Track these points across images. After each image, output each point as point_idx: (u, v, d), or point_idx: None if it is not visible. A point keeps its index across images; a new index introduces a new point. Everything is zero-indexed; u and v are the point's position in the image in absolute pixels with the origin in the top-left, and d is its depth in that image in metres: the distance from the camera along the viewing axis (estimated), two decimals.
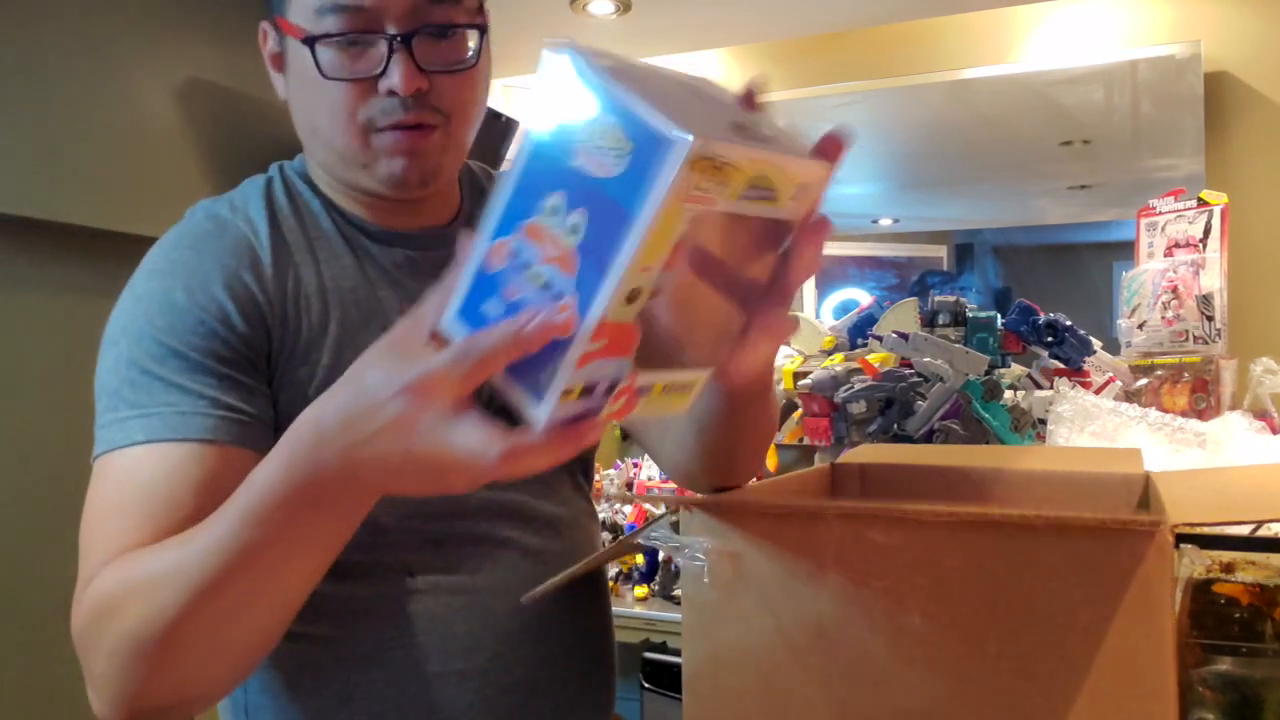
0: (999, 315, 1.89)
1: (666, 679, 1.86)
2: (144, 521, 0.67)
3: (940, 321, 1.89)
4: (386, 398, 0.52)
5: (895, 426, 1.73)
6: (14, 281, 1.71)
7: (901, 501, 0.57)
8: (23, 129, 1.64)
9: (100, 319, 0.77)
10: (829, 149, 0.53)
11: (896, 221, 2.66)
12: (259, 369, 0.75)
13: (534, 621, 0.84)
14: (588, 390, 0.49)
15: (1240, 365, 1.80)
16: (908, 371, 1.75)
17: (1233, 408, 1.69)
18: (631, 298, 0.47)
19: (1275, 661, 0.62)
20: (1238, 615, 0.64)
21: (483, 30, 0.80)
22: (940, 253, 2.57)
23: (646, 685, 1.88)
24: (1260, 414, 1.60)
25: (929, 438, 1.69)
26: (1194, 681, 0.62)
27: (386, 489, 0.57)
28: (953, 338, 1.83)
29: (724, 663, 0.63)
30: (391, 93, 0.75)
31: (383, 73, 0.75)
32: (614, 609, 0.95)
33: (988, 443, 1.63)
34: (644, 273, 0.46)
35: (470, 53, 0.79)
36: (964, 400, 1.66)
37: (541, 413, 0.49)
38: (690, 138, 0.43)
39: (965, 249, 2.56)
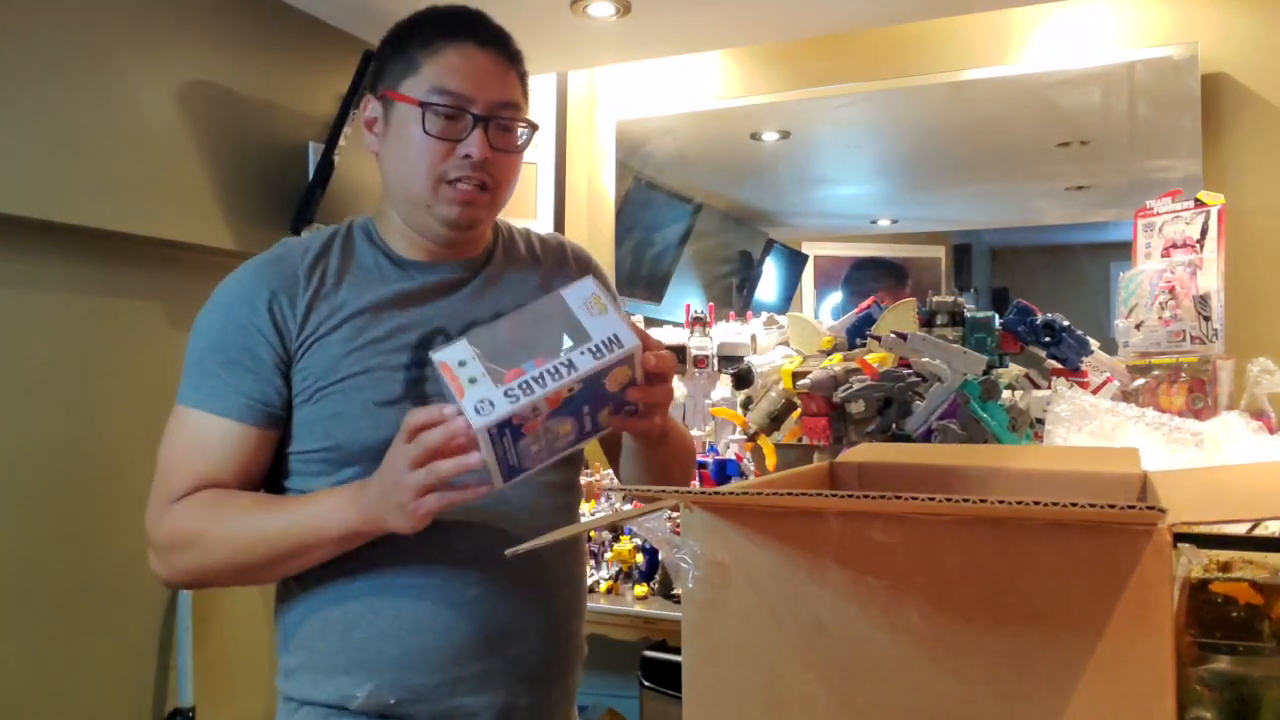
0: (997, 315, 1.89)
1: (666, 677, 1.87)
2: (204, 467, 1.06)
3: (938, 322, 1.89)
4: (398, 471, 0.94)
5: (894, 426, 1.73)
6: (14, 281, 1.71)
7: (900, 498, 0.58)
8: (23, 129, 1.64)
9: (101, 318, 0.78)
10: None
11: (895, 222, 2.66)
12: (281, 369, 1.08)
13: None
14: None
15: (1237, 365, 1.80)
16: (906, 371, 1.75)
17: (1230, 408, 1.69)
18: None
19: (1273, 660, 0.62)
20: (1235, 614, 0.65)
21: (533, 129, 1.14)
22: (939, 253, 2.58)
23: (646, 684, 1.88)
24: (1257, 414, 1.60)
25: (927, 437, 1.69)
26: (1192, 680, 0.62)
27: (389, 520, 0.97)
28: (951, 338, 1.83)
29: (724, 660, 0.63)
30: (467, 156, 1.08)
31: (463, 141, 1.08)
32: (613, 608, 0.99)
33: (985, 442, 1.63)
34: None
35: (521, 140, 1.14)
36: (962, 400, 1.67)
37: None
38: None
39: (963, 249, 2.56)
